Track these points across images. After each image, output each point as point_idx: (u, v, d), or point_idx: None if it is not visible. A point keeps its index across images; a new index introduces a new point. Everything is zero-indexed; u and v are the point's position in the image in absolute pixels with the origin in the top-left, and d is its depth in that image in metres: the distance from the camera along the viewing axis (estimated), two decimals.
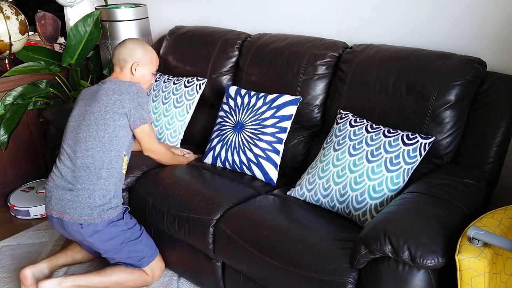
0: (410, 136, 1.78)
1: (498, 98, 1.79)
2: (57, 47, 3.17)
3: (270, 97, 2.15)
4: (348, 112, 2.00)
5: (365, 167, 1.76)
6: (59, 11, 3.19)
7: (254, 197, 1.95)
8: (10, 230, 2.59)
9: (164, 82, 2.52)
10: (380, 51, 2.01)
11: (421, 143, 1.76)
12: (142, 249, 1.95)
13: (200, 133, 2.51)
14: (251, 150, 2.11)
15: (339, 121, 1.97)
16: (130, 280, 1.96)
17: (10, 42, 2.71)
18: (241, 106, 2.21)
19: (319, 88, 2.15)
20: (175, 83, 2.48)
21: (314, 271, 1.51)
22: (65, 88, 2.90)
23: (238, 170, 2.18)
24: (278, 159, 2.09)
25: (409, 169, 1.75)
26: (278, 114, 2.10)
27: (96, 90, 1.96)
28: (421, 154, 1.76)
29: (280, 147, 2.10)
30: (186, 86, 2.44)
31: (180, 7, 2.98)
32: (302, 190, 1.91)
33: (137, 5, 2.95)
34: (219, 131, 2.24)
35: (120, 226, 1.88)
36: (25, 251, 2.37)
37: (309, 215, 1.80)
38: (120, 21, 2.84)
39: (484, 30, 1.92)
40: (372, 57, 2.00)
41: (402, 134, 1.79)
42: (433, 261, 1.31)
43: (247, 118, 2.16)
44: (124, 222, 1.90)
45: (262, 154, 2.09)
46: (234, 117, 2.21)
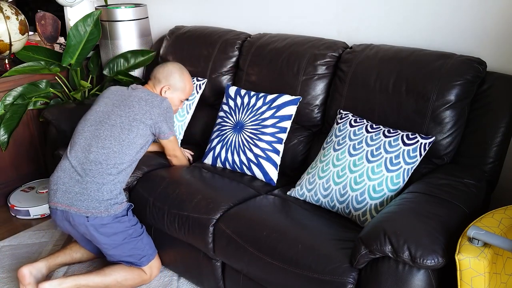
0: (410, 136, 1.78)
1: (498, 98, 1.79)
2: (57, 47, 3.17)
3: (270, 97, 2.15)
4: (348, 112, 2.00)
5: (365, 167, 1.76)
6: (59, 11, 3.19)
7: (254, 197, 1.95)
8: (10, 230, 2.59)
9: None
10: (380, 51, 2.01)
11: (421, 143, 1.76)
12: (143, 247, 1.98)
13: (200, 133, 2.51)
14: (251, 150, 2.11)
15: (339, 121, 1.97)
16: (129, 278, 1.98)
17: (10, 42, 2.70)
18: (241, 106, 2.21)
19: (319, 88, 2.15)
20: None
21: (314, 271, 1.51)
22: (65, 88, 2.90)
23: (238, 170, 2.18)
24: (278, 159, 2.09)
25: (409, 169, 1.75)
26: (278, 114, 2.10)
27: (127, 94, 2.04)
28: (421, 154, 1.76)
29: (280, 147, 2.10)
30: None
31: (180, 7, 2.98)
32: (302, 190, 1.91)
33: (137, 5, 2.95)
34: (219, 132, 2.24)
35: (124, 222, 1.92)
36: (25, 251, 2.37)
37: (309, 215, 1.80)
38: (120, 21, 2.84)
39: (484, 30, 1.92)
40: (372, 57, 2.00)
41: (402, 134, 1.79)
42: (433, 261, 1.31)
43: (247, 118, 2.16)
44: (128, 219, 1.94)
45: (262, 154, 2.09)
46: (234, 117, 2.21)
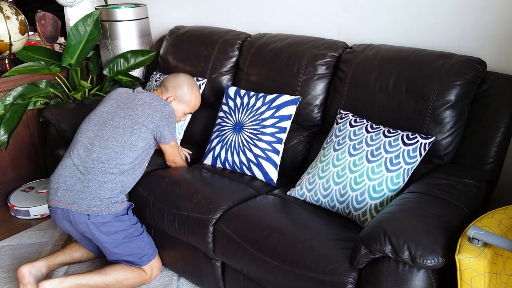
0: (410, 136, 1.78)
1: (498, 98, 1.79)
2: (57, 47, 3.17)
3: (269, 97, 2.15)
4: (348, 112, 2.00)
5: (365, 167, 1.76)
6: (59, 11, 3.19)
7: (254, 197, 1.95)
8: (10, 230, 2.59)
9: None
10: (380, 51, 2.01)
11: (421, 143, 1.76)
12: (144, 246, 1.99)
13: (200, 133, 2.51)
14: (251, 150, 2.11)
15: (339, 121, 1.97)
16: (129, 278, 1.98)
17: (10, 42, 2.70)
18: (240, 107, 2.21)
19: (319, 88, 2.15)
20: None
21: (314, 271, 1.51)
22: (65, 88, 2.90)
23: (238, 171, 2.18)
24: (278, 159, 2.09)
25: (409, 169, 1.75)
26: (278, 114, 2.10)
27: (132, 97, 2.07)
28: (421, 154, 1.76)
29: (280, 147, 2.10)
30: None
31: (180, 7, 2.98)
32: (302, 190, 1.91)
33: (137, 5, 2.95)
34: (219, 132, 2.24)
35: (124, 221, 1.93)
36: (25, 251, 2.37)
37: (309, 215, 1.80)
38: (120, 21, 2.84)
39: (484, 30, 1.92)
40: (372, 57, 2.00)
41: (402, 134, 1.79)
42: (433, 261, 1.31)
43: (247, 119, 2.16)
44: (128, 218, 1.95)
45: (262, 154, 2.09)
46: (234, 117, 2.21)
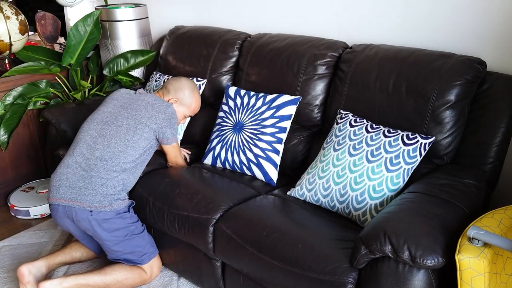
0: (410, 136, 1.78)
1: (498, 98, 1.79)
2: (57, 47, 3.17)
3: (269, 97, 2.15)
4: (348, 112, 2.00)
5: (365, 167, 1.76)
6: (59, 11, 3.19)
7: (254, 197, 1.95)
8: (10, 230, 2.59)
9: (164, 82, 2.52)
10: (380, 51, 2.01)
11: (421, 143, 1.76)
12: (144, 244, 1.99)
13: (200, 133, 2.51)
14: (251, 150, 2.11)
15: (339, 121, 1.97)
16: (130, 278, 1.99)
17: (10, 42, 2.70)
18: (240, 106, 2.21)
19: (319, 88, 2.15)
20: None
21: (314, 271, 1.51)
22: (65, 88, 2.90)
23: (238, 170, 2.18)
24: (278, 159, 2.09)
25: (409, 169, 1.75)
26: (278, 114, 2.10)
27: (135, 98, 2.11)
28: (421, 154, 1.76)
29: (280, 147, 2.10)
30: None
31: (180, 7, 2.98)
32: (302, 190, 1.91)
33: (137, 5, 2.95)
34: (219, 132, 2.24)
35: (126, 219, 1.95)
36: (25, 251, 2.37)
37: (309, 215, 1.80)
38: (120, 21, 2.84)
39: (484, 30, 1.92)
40: (372, 57, 2.00)
41: (402, 134, 1.79)
42: (433, 261, 1.31)
43: (247, 118, 2.16)
44: (129, 216, 1.97)
45: (262, 154, 2.09)
46: (234, 117, 2.21)
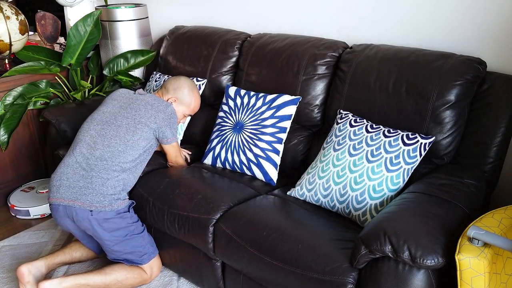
0: (410, 136, 1.78)
1: (498, 98, 1.79)
2: (57, 47, 3.17)
3: (269, 97, 2.15)
4: (348, 112, 2.00)
5: (365, 167, 1.76)
6: (59, 11, 3.19)
7: (254, 197, 1.95)
8: (10, 230, 2.59)
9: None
10: (380, 51, 2.01)
11: (421, 143, 1.76)
12: (144, 244, 1.99)
13: (199, 133, 2.51)
14: (251, 150, 2.11)
15: (339, 121, 1.97)
16: (130, 278, 1.99)
17: (10, 42, 2.70)
18: (240, 106, 2.21)
19: (319, 88, 2.15)
20: None
21: (314, 271, 1.51)
22: (65, 88, 2.90)
23: (238, 170, 2.18)
24: (278, 159, 2.09)
25: (409, 169, 1.75)
26: (278, 114, 2.10)
27: (134, 98, 2.11)
28: (421, 154, 1.76)
29: (280, 147, 2.10)
30: None
31: (180, 7, 2.98)
32: (302, 190, 1.91)
33: (137, 5, 2.95)
34: (219, 132, 2.24)
35: (126, 218, 1.95)
36: (25, 251, 2.37)
37: (309, 215, 1.80)
38: (120, 21, 2.84)
39: (484, 30, 1.92)
40: (372, 57, 2.00)
41: (402, 134, 1.79)
42: (433, 261, 1.31)
43: (247, 118, 2.16)
44: (129, 215, 1.97)
45: (262, 154, 2.09)
46: (234, 117, 2.21)
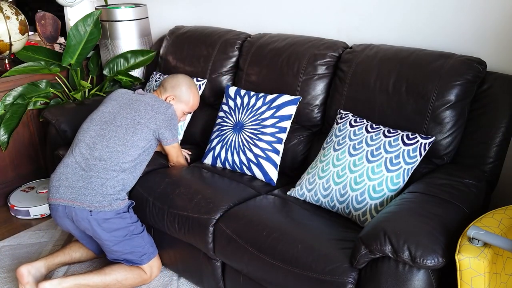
0: (410, 136, 1.78)
1: (498, 98, 1.79)
2: (57, 47, 3.17)
3: (269, 97, 2.15)
4: (348, 112, 2.00)
5: (365, 167, 1.76)
6: (59, 11, 3.19)
7: (254, 197, 1.95)
8: (10, 230, 2.59)
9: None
10: (380, 51, 2.01)
11: (421, 143, 1.76)
12: (144, 244, 1.99)
13: (200, 133, 2.51)
14: (251, 150, 2.11)
15: (339, 121, 1.97)
16: (129, 278, 1.99)
17: (10, 42, 2.71)
18: (240, 106, 2.21)
19: (319, 88, 2.15)
20: None
21: (314, 271, 1.51)
22: (65, 88, 2.90)
23: (238, 170, 2.18)
24: (278, 159, 2.09)
25: (409, 169, 1.75)
26: (278, 114, 2.10)
27: (134, 98, 2.12)
28: (421, 154, 1.76)
29: (280, 147, 2.10)
30: None
31: (180, 7, 2.98)
32: (302, 190, 1.91)
33: (137, 5, 2.95)
34: (219, 132, 2.24)
35: (125, 219, 1.95)
36: (25, 251, 2.37)
37: (309, 215, 1.80)
38: (120, 21, 2.84)
39: (484, 30, 1.92)
40: (372, 57, 2.00)
41: (402, 134, 1.79)
42: (433, 261, 1.31)
43: (247, 118, 2.16)
44: (129, 216, 1.97)
45: (262, 154, 2.09)
46: (234, 117, 2.21)
